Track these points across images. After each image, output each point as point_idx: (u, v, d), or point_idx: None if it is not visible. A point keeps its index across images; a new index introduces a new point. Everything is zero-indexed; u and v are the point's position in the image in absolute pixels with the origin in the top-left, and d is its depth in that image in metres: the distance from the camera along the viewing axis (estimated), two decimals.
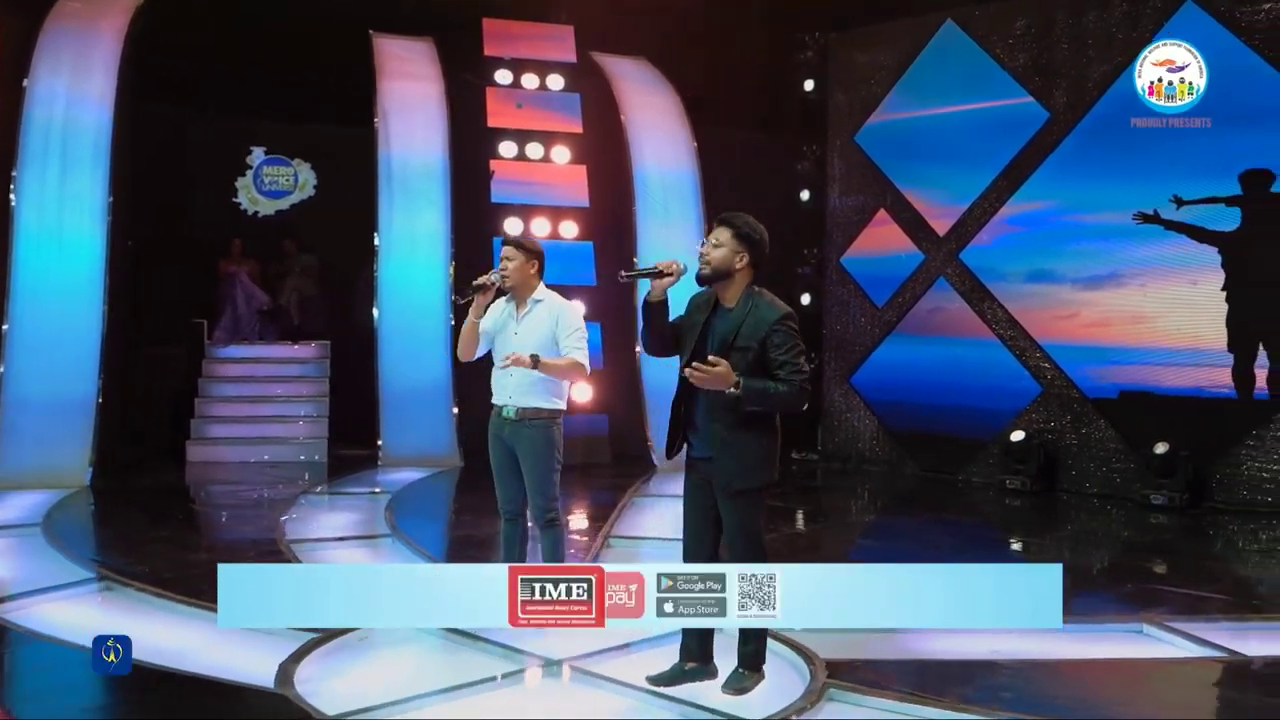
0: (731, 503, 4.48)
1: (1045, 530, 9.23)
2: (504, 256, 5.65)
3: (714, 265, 4.50)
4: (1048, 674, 5.26)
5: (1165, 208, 9.81)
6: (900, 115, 11.49)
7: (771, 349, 4.37)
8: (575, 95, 12.90)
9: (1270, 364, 9.40)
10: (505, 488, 5.76)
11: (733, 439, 4.41)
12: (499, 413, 5.64)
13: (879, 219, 11.63)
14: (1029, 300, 10.58)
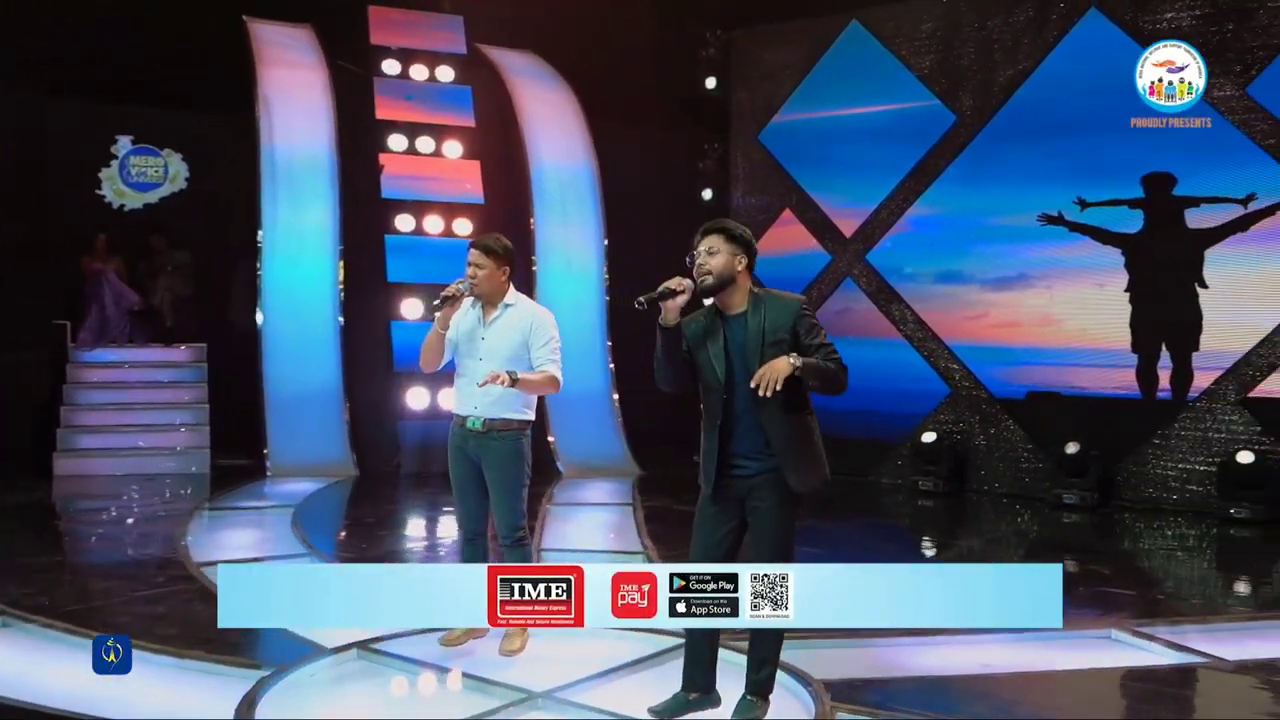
0: (781, 517, 4.27)
1: (972, 532, 9.23)
2: (472, 263, 5.23)
3: (717, 273, 4.31)
4: (1048, 685, 5.14)
5: (1070, 209, 9.96)
6: (805, 115, 11.41)
7: (804, 335, 4.22)
8: (466, 88, 12.45)
9: (1173, 364, 9.62)
10: (467, 505, 5.37)
11: (795, 437, 4.23)
12: (462, 424, 5.24)
13: (784, 219, 11.52)
14: (937, 301, 10.62)
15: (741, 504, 4.33)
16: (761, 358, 4.16)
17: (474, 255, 5.24)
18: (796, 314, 4.25)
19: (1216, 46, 9.22)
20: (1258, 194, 9.15)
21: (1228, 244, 9.30)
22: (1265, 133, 9.04)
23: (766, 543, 4.30)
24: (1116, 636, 5.78)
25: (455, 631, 5.38)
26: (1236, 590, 7.48)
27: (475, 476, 5.27)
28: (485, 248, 5.26)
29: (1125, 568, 7.89)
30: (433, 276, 11.66)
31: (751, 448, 4.27)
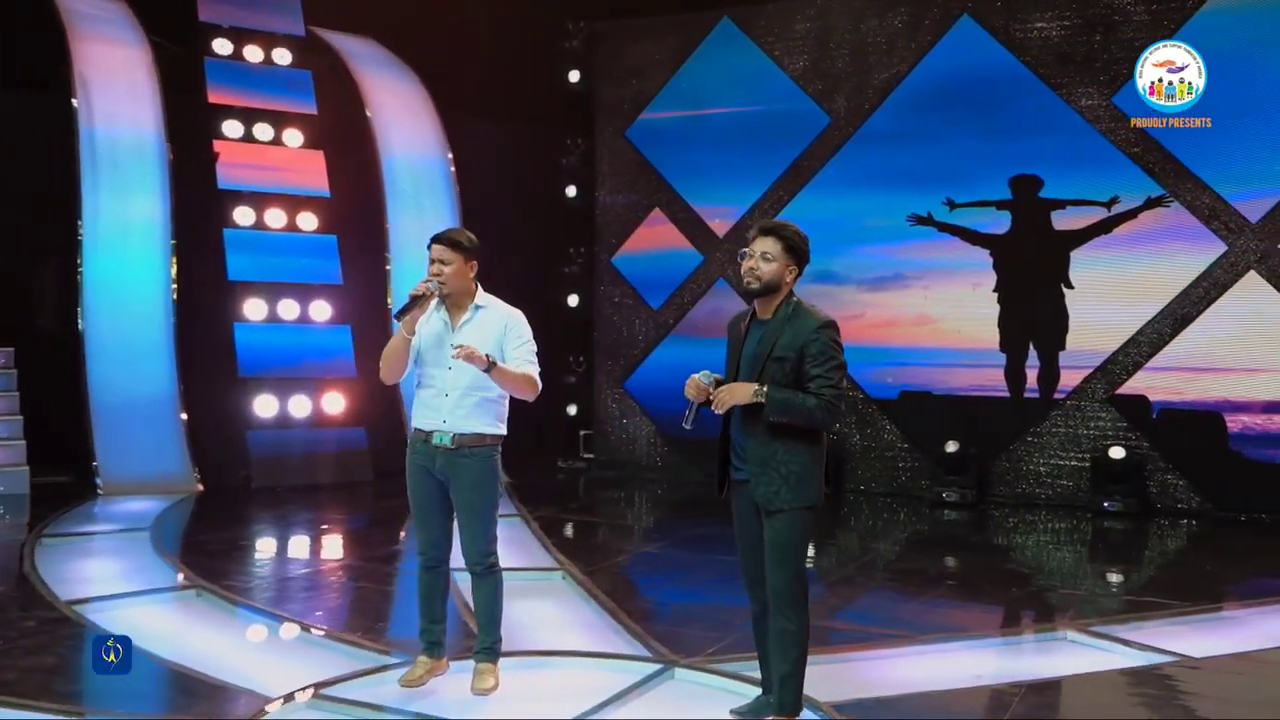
0: (770, 522, 4.14)
1: (879, 536, 9.19)
2: (437, 259, 4.72)
3: (764, 280, 4.19)
4: (1054, 693, 5.07)
5: (939, 210, 10.14)
6: (675, 113, 11.20)
7: (807, 360, 4.09)
8: (306, 72, 11.61)
9: (1040, 364, 9.93)
10: (429, 529, 4.84)
11: (770, 456, 4.11)
12: (426, 439, 4.72)
13: (653, 218, 11.28)
14: (813, 301, 10.48)
15: (757, 510, 4.22)
16: (762, 372, 4.11)
17: (438, 250, 4.72)
18: (809, 336, 4.10)
19: (1084, 57, 9.59)
20: (1120, 197, 9.56)
21: (1093, 246, 9.66)
22: (1130, 140, 9.44)
23: (779, 552, 4.17)
24: (1072, 638, 5.81)
25: (417, 670, 4.86)
26: (1157, 582, 7.65)
27: (440, 498, 4.78)
28: (451, 241, 4.76)
29: (1041, 566, 8.05)
30: (278, 274, 10.87)
31: (739, 456, 4.25)
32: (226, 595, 6.30)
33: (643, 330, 11.33)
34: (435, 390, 4.72)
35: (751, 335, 4.22)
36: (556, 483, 11.05)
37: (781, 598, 4.17)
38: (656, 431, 11.34)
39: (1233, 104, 8.99)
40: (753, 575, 4.32)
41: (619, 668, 5.13)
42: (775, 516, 4.11)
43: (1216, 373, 9.23)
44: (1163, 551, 8.59)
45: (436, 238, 4.77)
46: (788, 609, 4.18)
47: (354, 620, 6.00)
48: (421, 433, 4.74)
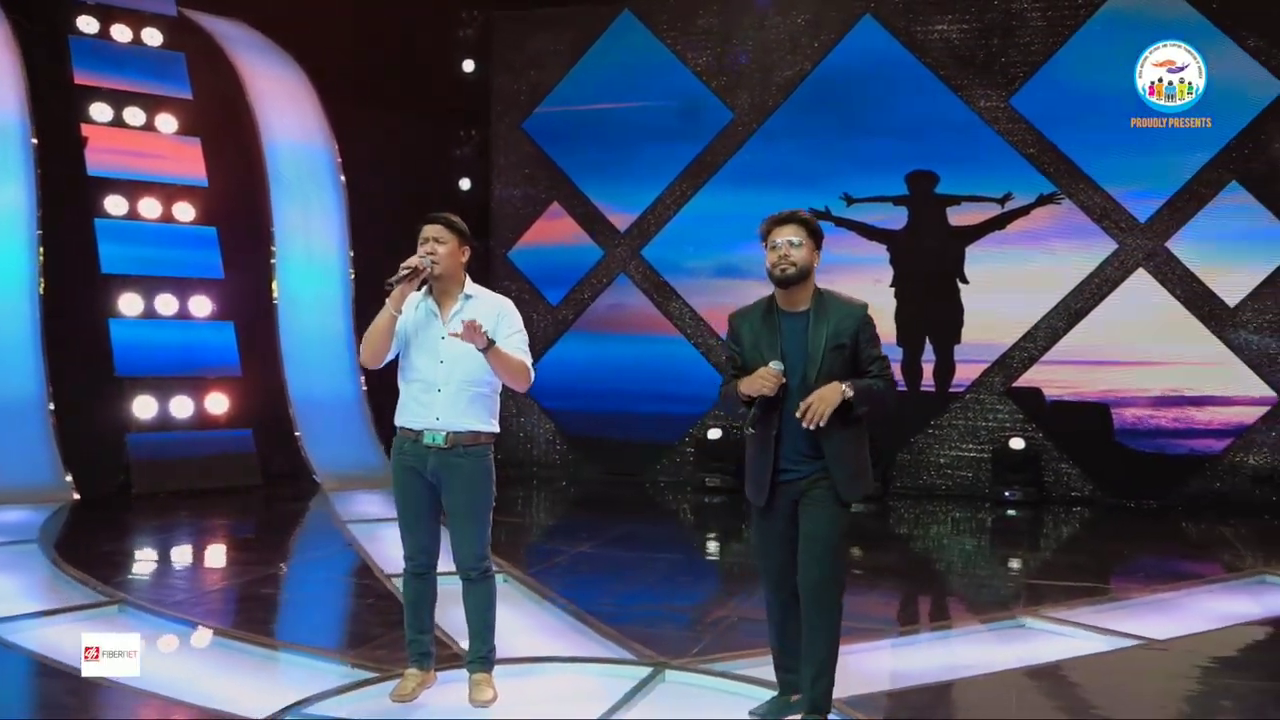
0: (833, 515, 4.08)
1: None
2: (431, 238, 4.49)
3: (799, 266, 4.13)
4: (1057, 678, 5.13)
5: (837, 205, 10.28)
6: (574, 106, 11.03)
7: (865, 345, 4.09)
8: (179, 54, 10.96)
9: (936, 358, 10.17)
10: (419, 535, 4.58)
11: (846, 447, 4.07)
12: (416, 439, 4.46)
13: (552, 212, 11.08)
14: (715, 296, 10.61)
15: (793, 507, 4.13)
16: (822, 363, 4.01)
17: (433, 230, 4.50)
18: (861, 320, 4.11)
19: (983, 60, 9.87)
20: (1014, 194, 9.86)
21: (988, 241, 9.95)
22: (1026, 142, 9.76)
23: (820, 546, 4.09)
24: (1030, 625, 5.93)
25: (408, 684, 4.59)
26: (1082, 568, 7.80)
27: (431, 501, 4.54)
28: (448, 222, 4.56)
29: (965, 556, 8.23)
30: (154, 267, 10.23)
31: (802, 452, 4.08)
32: (156, 610, 5.85)
33: (541, 326, 11.10)
34: (425, 385, 4.46)
35: (790, 327, 4.09)
36: None
37: (826, 593, 4.11)
38: (556, 429, 11.15)
39: (1124, 105, 9.41)
40: (780, 577, 4.22)
41: (610, 672, 4.97)
42: (840, 510, 4.05)
43: (1108, 365, 9.63)
44: (1073, 538, 8.87)
45: (433, 217, 4.55)
46: (830, 605, 4.12)
47: (308, 633, 5.65)
48: (410, 431, 4.48)
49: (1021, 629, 5.87)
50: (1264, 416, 9.33)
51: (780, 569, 4.22)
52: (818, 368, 4.00)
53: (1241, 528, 8.64)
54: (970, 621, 6.08)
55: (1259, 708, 4.74)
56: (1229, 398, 9.41)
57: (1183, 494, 9.47)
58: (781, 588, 4.24)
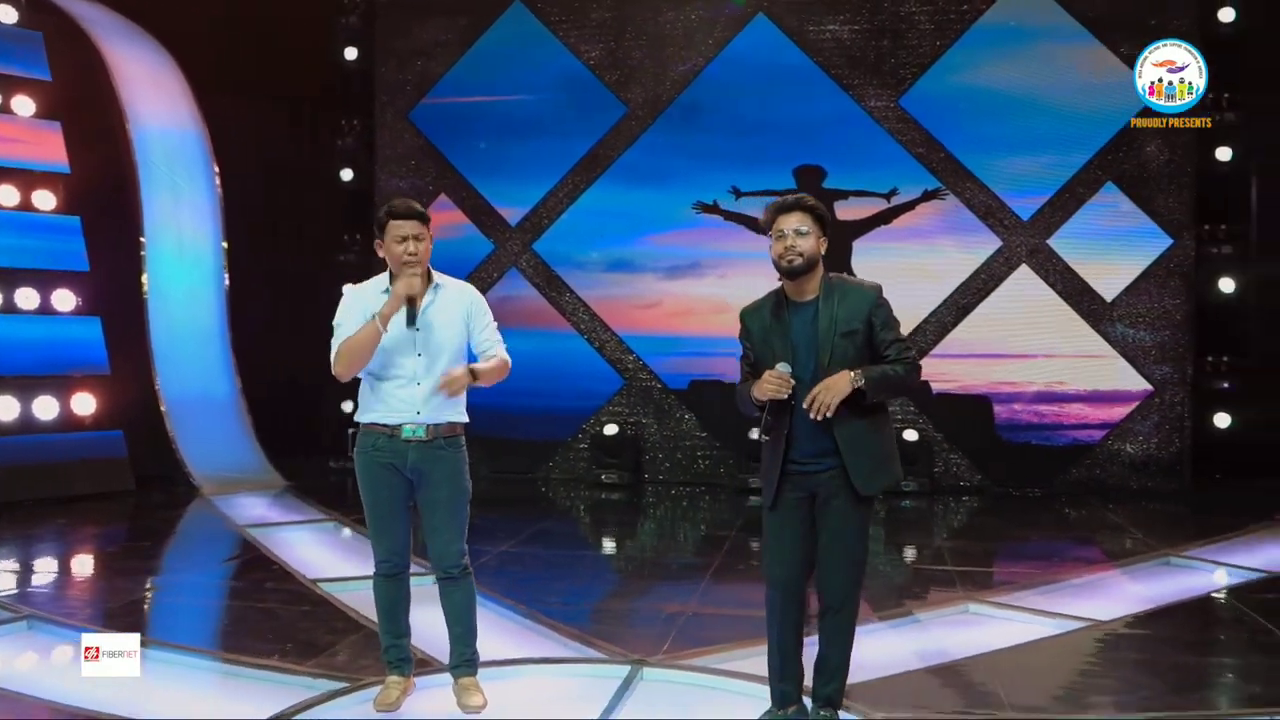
0: (856, 509, 3.98)
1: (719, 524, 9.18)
2: (410, 236, 4.24)
3: (806, 255, 4.00)
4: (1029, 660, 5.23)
5: (726, 199, 10.33)
6: (464, 97, 10.75)
7: (880, 329, 3.98)
8: (36, 34, 10.25)
9: None
10: (395, 534, 4.39)
11: (862, 437, 3.94)
12: (392, 435, 4.28)
13: (440, 204, 10.76)
14: (609, 290, 10.52)
15: (810, 503, 4.02)
16: (832, 351, 3.91)
17: (413, 227, 4.26)
18: (874, 303, 3.99)
19: (873, 61, 10.07)
20: (900, 189, 10.08)
21: (876, 236, 10.13)
22: (915, 141, 10.01)
23: (846, 554, 4.02)
24: (974, 610, 6.05)
25: (391, 692, 4.38)
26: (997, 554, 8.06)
27: (406, 499, 4.37)
28: (423, 216, 4.33)
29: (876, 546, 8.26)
30: (12, 259, 9.54)
31: (817, 448, 3.95)
32: (71, 624, 5.41)
33: None
34: (403, 380, 4.28)
35: (798, 318, 3.98)
36: (340, 483, 10.34)
37: (852, 599, 4.06)
38: None
39: (1008, 108, 9.77)
40: (791, 582, 4.06)
41: (589, 672, 4.86)
42: (863, 503, 3.96)
43: (995, 359, 9.94)
44: (974, 526, 9.05)
45: (407, 210, 4.28)
46: (854, 610, 4.08)
47: (250, 644, 5.27)
48: (385, 428, 4.28)
49: (971, 615, 5.99)
50: (1139, 406, 9.80)
51: (791, 574, 4.05)
52: (827, 357, 3.88)
53: (1121, 512, 9.04)
54: (918, 609, 6.14)
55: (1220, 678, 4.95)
56: (1107, 390, 9.85)
57: (1065, 482, 9.85)
58: (790, 594, 4.06)
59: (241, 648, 5.13)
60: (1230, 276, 9.68)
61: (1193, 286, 9.72)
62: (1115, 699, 4.70)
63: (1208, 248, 9.73)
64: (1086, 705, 4.63)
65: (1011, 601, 6.15)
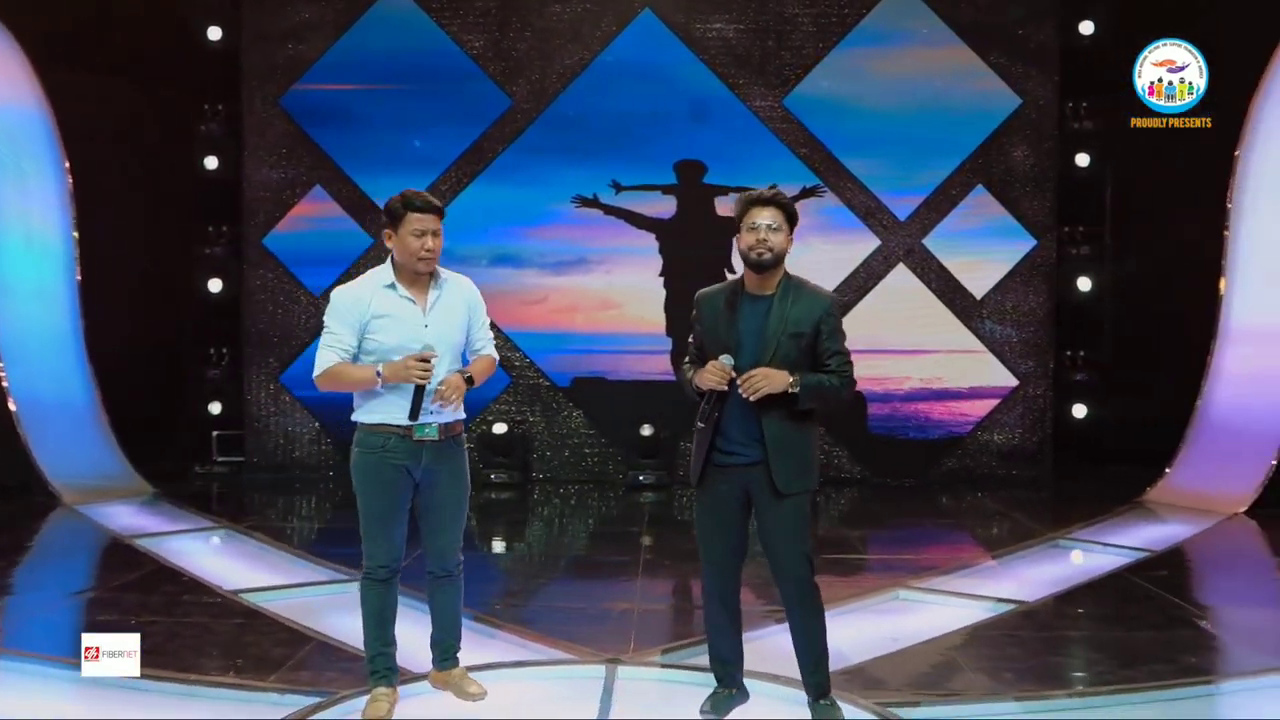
0: (785, 506, 4.06)
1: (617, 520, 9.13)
2: (430, 231, 4.13)
3: (776, 251, 4.07)
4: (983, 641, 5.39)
5: (606, 193, 10.30)
6: (340, 85, 10.31)
7: (826, 337, 4.08)
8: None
9: None
10: (395, 537, 4.26)
11: (788, 438, 4.04)
12: (405, 435, 4.11)
13: (314, 195, 10.33)
14: (493, 286, 10.20)
15: (742, 494, 4.11)
16: (776, 349, 4.02)
17: (433, 222, 4.17)
18: (826, 311, 4.11)
19: (759, 60, 10.22)
20: (779, 186, 10.24)
21: None
22: (798, 141, 10.22)
23: (787, 536, 4.11)
24: (904, 595, 6.25)
25: (383, 704, 4.19)
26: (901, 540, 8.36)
27: (408, 501, 4.23)
28: (440, 209, 4.23)
29: None
30: None
31: (744, 435, 4.05)
32: None
33: (303, 318, 10.34)
34: (416, 378, 4.07)
35: (749, 310, 4.06)
36: (214, 491, 9.83)
37: (804, 581, 4.16)
38: (321, 429, 10.42)
39: (886, 111, 10.10)
40: (724, 564, 4.20)
41: (565, 674, 4.81)
42: (790, 499, 4.04)
43: (873, 355, 10.20)
44: (873, 515, 9.34)
45: (429, 205, 4.14)
46: (810, 591, 4.18)
47: (196, 662, 4.94)
48: (394, 428, 4.10)
49: (903, 600, 6.19)
50: (1005, 399, 10.32)
51: (724, 556, 4.19)
52: (770, 353, 3.98)
53: (994, 499, 9.52)
54: (853, 598, 6.26)
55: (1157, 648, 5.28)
56: (977, 385, 10.32)
57: (939, 472, 10.28)
58: (725, 576, 4.22)
59: (188, 666, 4.82)
60: (1088, 276, 10.29)
61: (1054, 285, 10.30)
62: (1081, 674, 4.96)
63: (1068, 249, 10.32)
64: (1059, 680, 4.85)
65: (937, 586, 6.39)
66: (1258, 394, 9.17)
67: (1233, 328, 9.43)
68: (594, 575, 7.18)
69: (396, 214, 4.12)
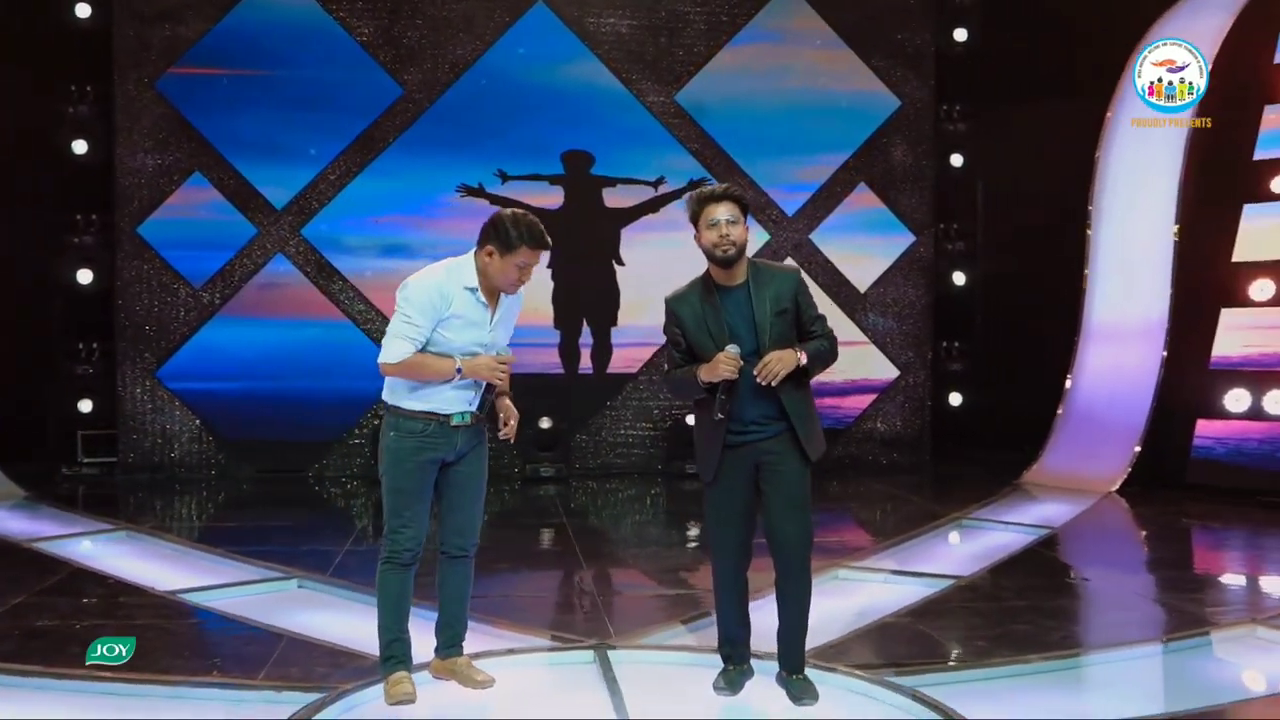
0: (800, 474, 4.24)
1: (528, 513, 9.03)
2: (531, 265, 4.18)
3: (739, 245, 4.20)
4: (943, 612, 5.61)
5: (492, 182, 10.23)
6: (222, 69, 9.89)
7: (805, 307, 4.30)
8: None
9: (593, 340, 10.48)
10: (423, 523, 4.26)
11: (805, 408, 4.26)
12: (444, 423, 4.15)
13: (194, 183, 9.86)
14: (385, 278, 10.06)
15: (753, 474, 4.25)
16: (770, 329, 4.17)
17: (536, 257, 4.19)
18: (798, 284, 4.30)
19: (652, 56, 10.34)
20: (667, 178, 10.41)
21: (648, 227, 10.37)
22: (689, 136, 10.39)
23: (794, 505, 4.25)
24: (842, 575, 6.45)
25: (407, 684, 4.15)
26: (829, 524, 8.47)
27: (433, 484, 4.24)
28: (549, 246, 4.26)
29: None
30: None
31: (760, 413, 4.20)
32: None
33: (181, 312, 9.86)
34: (465, 380, 4.16)
35: (731, 300, 4.17)
36: (81, 493, 9.27)
37: (806, 552, 4.27)
38: (202, 426, 9.97)
39: (775, 109, 10.37)
40: (739, 547, 4.30)
41: (557, 660, 4.81)
42: (804, 470, 4.21)
43: None
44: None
45: (544, 243, 4.16)
46: (808, 565, 4.30)
47: (166, 662, 4.68)
48: (435, 416, 4.11)
49: (840, 580, 6.37)
50: (888, 389, 10.75)
51: (740, 539, 4.29)
52: (767, 336, 4.12)
53: (884, 484, 9.90)
54: None
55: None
56: (862, 376, 10.71)
57: (827, 459, 10.53)
58: (740, 559, 4.32)
59: (165, 668, 4.58)
60: (962, 270, 10.82)
61: (932, 280, 10.79)
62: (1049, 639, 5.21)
63: (944, 244, 10.82)
64: (1035, 644, 5.09)
65: (871, 565, 6.64)
66: (1119, 386, 9.84)
67: (1094, 324, 10.09)
68: (538, 566, 7.17)
69: (509, 243, 4.08)
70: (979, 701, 4.27)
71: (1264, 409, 9.09)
